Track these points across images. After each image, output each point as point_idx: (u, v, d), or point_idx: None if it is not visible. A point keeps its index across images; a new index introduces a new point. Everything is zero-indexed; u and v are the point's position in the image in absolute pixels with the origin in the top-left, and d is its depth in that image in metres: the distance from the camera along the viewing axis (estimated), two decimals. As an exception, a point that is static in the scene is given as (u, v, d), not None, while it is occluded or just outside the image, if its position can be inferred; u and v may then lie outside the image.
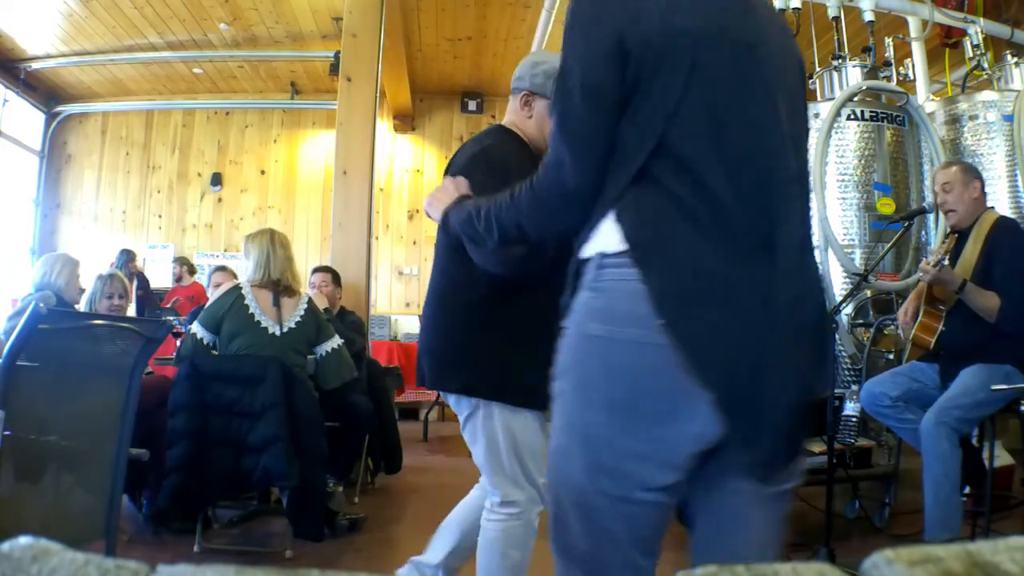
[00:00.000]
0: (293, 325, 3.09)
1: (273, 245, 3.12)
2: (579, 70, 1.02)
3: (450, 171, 1.87)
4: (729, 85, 1.03)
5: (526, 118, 2.05)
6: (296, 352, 3.10)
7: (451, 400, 1.90)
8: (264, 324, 3.02)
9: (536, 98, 2.03)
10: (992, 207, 3.05)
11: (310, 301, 3.23)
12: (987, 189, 3.90)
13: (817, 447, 3.23)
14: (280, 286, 3.09)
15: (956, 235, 3.06)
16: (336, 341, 3.26)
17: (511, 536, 1.84)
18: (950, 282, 2.80)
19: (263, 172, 8.57)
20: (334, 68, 6.59)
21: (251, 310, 3.01)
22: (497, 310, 1.80)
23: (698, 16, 1.02)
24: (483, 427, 1.83)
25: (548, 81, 1.96)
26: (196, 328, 2.99)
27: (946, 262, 2.80)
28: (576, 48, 1.04)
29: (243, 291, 3.04)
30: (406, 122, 8.59)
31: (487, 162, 1.85)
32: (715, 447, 0.96)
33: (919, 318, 3.01)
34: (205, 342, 2.97)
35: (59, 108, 8.32)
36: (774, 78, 1.07)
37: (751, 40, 1.06)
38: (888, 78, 4.17)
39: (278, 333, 3.03)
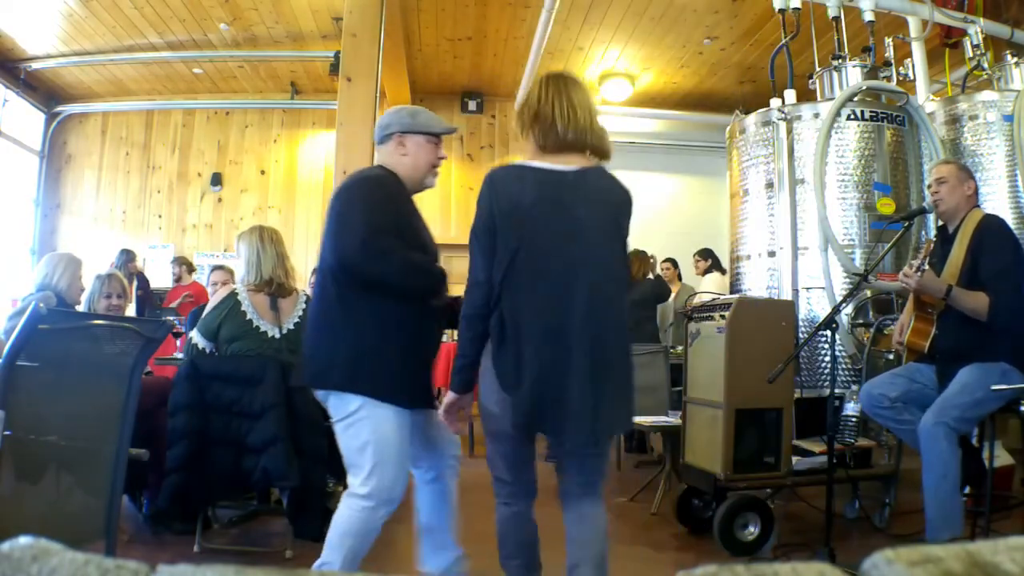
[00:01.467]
0: (292, 327, 3.04)
1: (263, 242, 3.03)
2: (477, 228, 1.92)
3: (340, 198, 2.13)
4: (547, 230, 1.87)
5: (401, 156, 2.24)
6: (294, 353, 3.02)
7: (333, 397, 2.07)
8: (263, 328, 2.97)
9: (407, 136, 2.25)
10: (978, 205, 3.04)
11: (308, 300, 3.14)
12: (987, 189, 3.92)
13: (817, 447, 3.24)
14: (274, 285, 3.02)
15: (936, 238, 3.07)
16: None
17: (356, 523, 2.03)
18: (935, 289, 2.80)
19: (263, 172, 8.57)
20: (334, 68, 6.58)
21: (248, 315, 2.95)
22: (382, 328, 2.10)
23: (534, 193, 1.88)
24: (365, 421, 2.03)
25: (413, 118, 2.25)
26: (196, 338, 2.97)
27: (926, 267, 2.80)
28: (477, 214, 1.91)
29: (239, 296, 2.97)
30: (406, 122, 8.58)
31: (379, 183, 2.16)
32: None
33: (911, 323, 3.00)
34: (205, 351, 2.95)
35: (59, 108, 8.32)
36: (583, 221, 1.89)
37: (570, 202, 1.89)
38: (888, 78, 4.17)
39: (277, 336, 2.99)
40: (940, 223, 3.13)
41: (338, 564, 2.00)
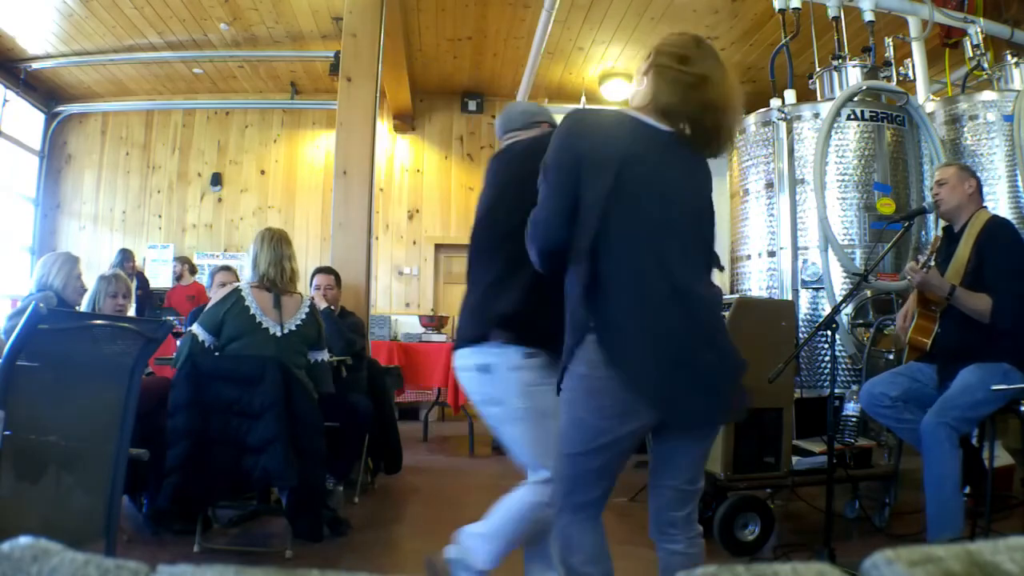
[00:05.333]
0: (294, 327, 3.10)
1: (266, 243, 3.13)
2: (553, 173, 1.68)
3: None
4: (641, 187, 1.65)
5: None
6: (296, 353, 3.11)
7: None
8: (265, 325, 3.02)
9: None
10: (985, 207, 3.05)
11: (312, 305, 3.25)
12: (987, 189, 3.92)
13: (817, 447, 3.23)
14: (276, 286, 3.09)
15: (944, 236, 3.08)
16: (327, 354, 3.36)
17: (533, 512, 1.98)
18: (937, 287, 2.81)
19: (263, 172, 8.57)
20: (334, 68, 6.58)
21: (252, 311, 3.01)
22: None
23: (621, 147, 1.66)
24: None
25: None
26: (196, 329, 3.00)
27: (932, 263, 2.80)
28: (554, 159, 1.69)
29: (243, 292, 3.04)
30: (406, 122, 8.59)
31: None
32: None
33: (914, 320, 3.01)
34: (205, 344, 2.97)
35: (59, 108, 8.32)
36: (672, 182, 1.71)
37: (658, 161, 1.70)
38: (888, 78, 4.17)
39: (279, 334, 3.04)
40: (945, 223, 3.14)
41: (504, 548, 1.99)
